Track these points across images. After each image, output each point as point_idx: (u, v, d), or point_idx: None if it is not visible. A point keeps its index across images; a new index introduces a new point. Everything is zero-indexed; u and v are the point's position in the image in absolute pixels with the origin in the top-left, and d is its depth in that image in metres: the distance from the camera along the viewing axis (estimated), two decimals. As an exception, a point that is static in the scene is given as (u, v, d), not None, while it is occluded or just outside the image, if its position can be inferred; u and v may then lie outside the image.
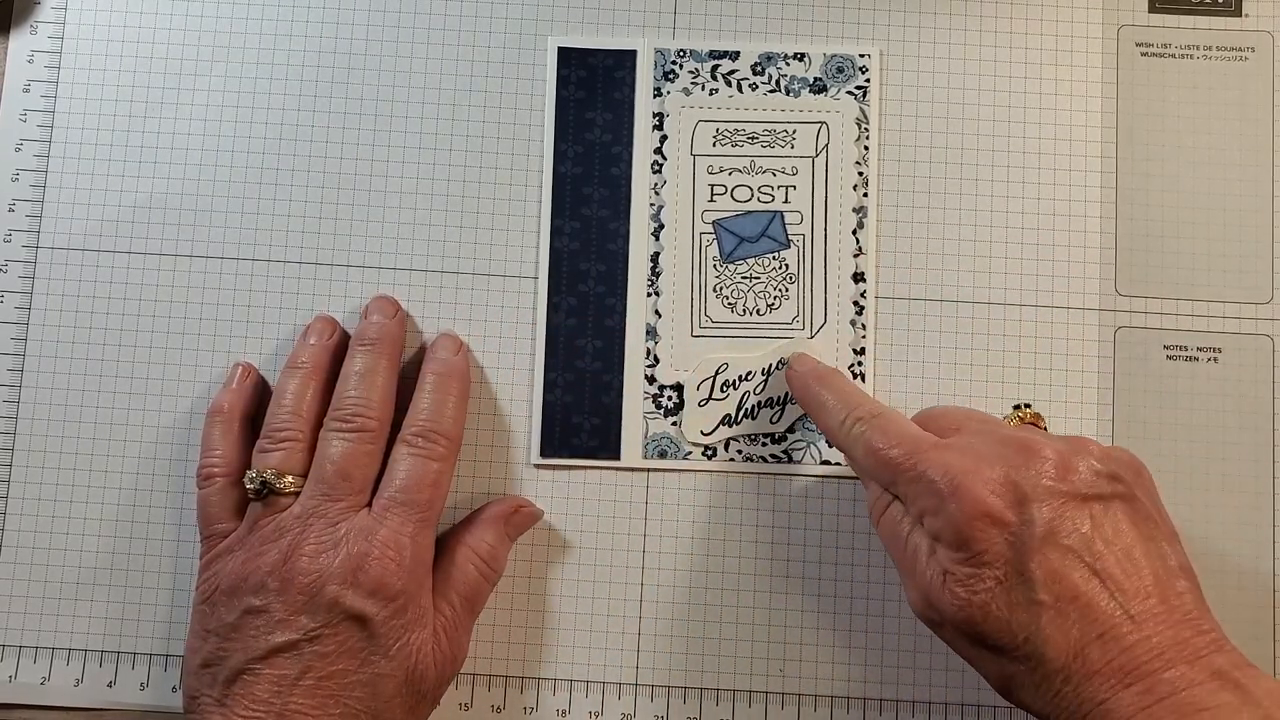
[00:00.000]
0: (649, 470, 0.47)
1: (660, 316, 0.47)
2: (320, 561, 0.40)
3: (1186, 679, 0.32)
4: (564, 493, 0.46)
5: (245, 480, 0.42)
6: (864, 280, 0.47)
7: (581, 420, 0.47)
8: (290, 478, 0.42)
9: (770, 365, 0.47)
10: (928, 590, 0.37)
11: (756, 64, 0.48)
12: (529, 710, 0.45)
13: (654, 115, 0.48)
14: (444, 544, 0.44)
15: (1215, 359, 0.47)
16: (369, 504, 0.42)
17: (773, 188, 0.48)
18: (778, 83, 0.48)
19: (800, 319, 0.47)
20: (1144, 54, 0.48)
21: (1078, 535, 0.35)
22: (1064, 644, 0.34)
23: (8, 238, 0.47)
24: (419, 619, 0.41)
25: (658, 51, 0.48)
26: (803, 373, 0.45)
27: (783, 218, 0.47)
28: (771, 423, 0.46)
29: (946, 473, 0.36)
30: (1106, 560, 0.34)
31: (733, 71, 0.48)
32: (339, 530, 0.40)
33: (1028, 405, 0.42)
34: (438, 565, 0.43)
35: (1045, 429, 0.42)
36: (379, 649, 0.39)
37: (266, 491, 0.41)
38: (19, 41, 0.49)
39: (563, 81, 0.48)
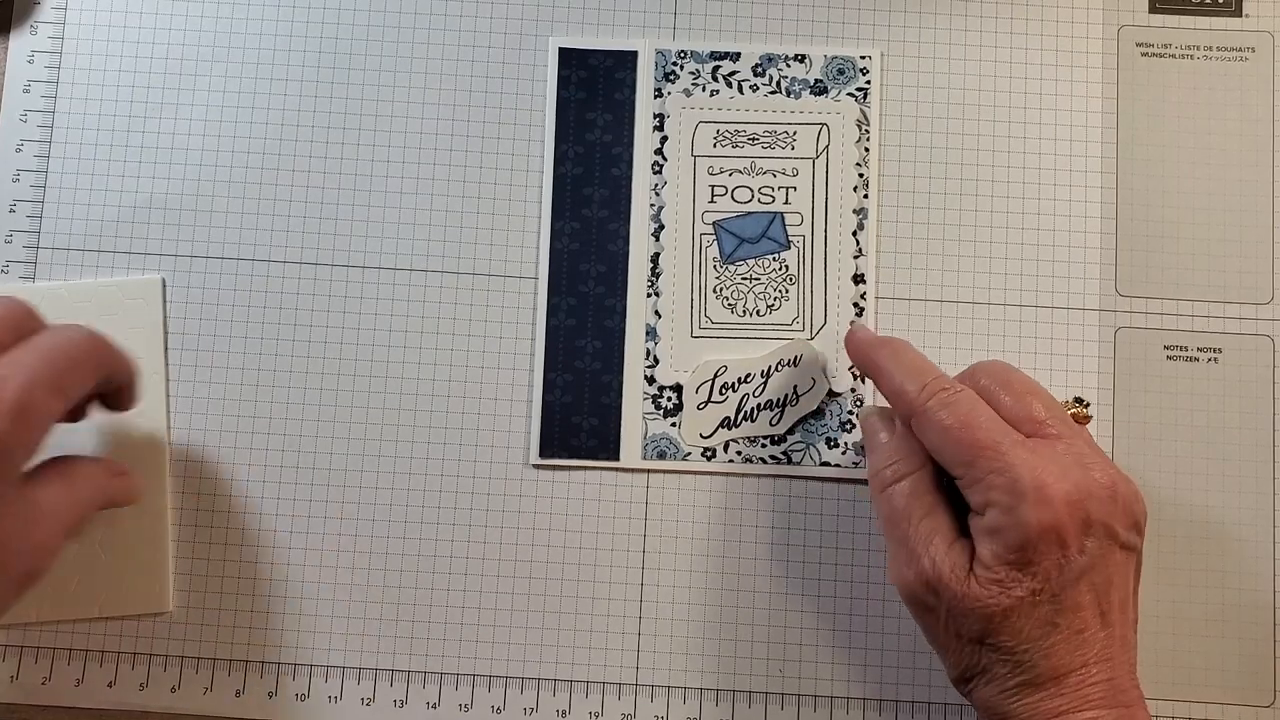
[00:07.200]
0: (648, 471, 0.47)
1: (660, 317, 0.47)
2: None
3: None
4: (563, 493, 0.46)
5: None
6: (864, 281, 0.47)
7: (581, 420, 0.47)
8: None
9: (770, 367, 0.46)
10: (935, 575, 0.38)
11: (757, 65, 0.48)
12: (529, 710, 0.45)
13: (654, 116, 0.48)
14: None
15: (1215, 359, 0.47)
16: None
17: (773, 189, 0.48)
18: (778, 84, 0.48)
19: (800, 320, 0.47)
20: (1144, 54, 0.48)
21: (1104, 578, 0.37)
22: (1056, 664, 0.37)
23: (8, 238, 0.47)
24: None
25: (658, 52, 0.48)
26: (863, 340, 0.42)
27: (783, 219, 0.47)
28: (771, 425, 0.46)
29: (1034, 477, 0.36)
30: (1113, 605, 0.37)
31: (733, 73, 0.48)
32: None
33: (1085, 404, 0.41)
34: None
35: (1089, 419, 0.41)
36: None
37: None
38: (19, 41, 0.48)
39: (563, 82, 0.48)
